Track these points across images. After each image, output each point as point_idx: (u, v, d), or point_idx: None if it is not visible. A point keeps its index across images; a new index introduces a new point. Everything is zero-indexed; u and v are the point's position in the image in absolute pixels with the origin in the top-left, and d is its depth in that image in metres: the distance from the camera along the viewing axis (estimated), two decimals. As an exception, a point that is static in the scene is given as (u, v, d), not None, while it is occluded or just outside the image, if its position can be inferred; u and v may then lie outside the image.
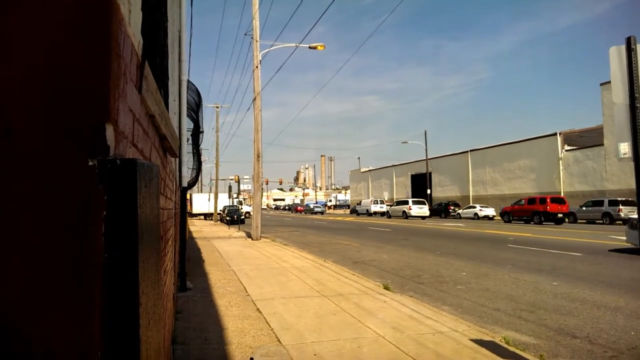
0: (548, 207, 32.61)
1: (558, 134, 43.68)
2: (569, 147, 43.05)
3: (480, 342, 5.19)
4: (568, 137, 44.01)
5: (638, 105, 4.33)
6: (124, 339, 1.09)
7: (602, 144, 38.73)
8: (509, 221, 36.11)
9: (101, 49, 1.08)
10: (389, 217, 49.32)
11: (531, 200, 34.56)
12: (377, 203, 57.77)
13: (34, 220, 1.05)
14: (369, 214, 57.25)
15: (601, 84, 37.63)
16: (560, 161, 43.12)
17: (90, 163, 1.06)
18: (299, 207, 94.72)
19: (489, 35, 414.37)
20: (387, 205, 55.13)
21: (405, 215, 46.02)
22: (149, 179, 1.30)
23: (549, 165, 44.19)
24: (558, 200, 33.44)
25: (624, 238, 15.26)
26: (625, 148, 4.46)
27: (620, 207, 30.98)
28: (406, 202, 47.86)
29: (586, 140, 42.21)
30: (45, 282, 1.05)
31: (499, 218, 39.05)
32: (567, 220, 33.23)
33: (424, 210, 45.84)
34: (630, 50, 4.41)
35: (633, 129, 4.35)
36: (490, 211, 42.91)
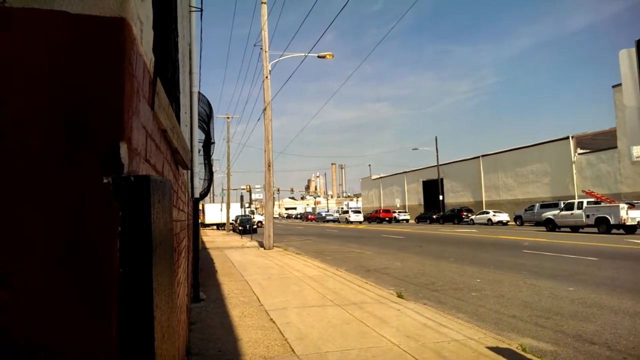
0: (381, 215, 59.62)
1: (570, 138, 43.24)
2: (581, 151, 42.60)
3: (497, 350, 5.13)
4: (581, 141, 43.57)
5: (650, 107, 4.28)
6: (139, 352, 1.10)
7: (615, 147, 38.28)
8: (369, 222, 59.75)
9: (115, 69, 1.11)
10: (339, 222, 65.66)
11: (375, 211, 62.62)
12: (328, 212, 78.48)
13: (50, 236, 1.07)
14: (324, 220, 75.38)
15: (613, 86, 37.24)
16: (574, 165, 42.67)
17: (105, 180, 1.08)
18: (309, 216, 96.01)
19: (498, 39, 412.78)
20: (337, 213, 74.86)
21: (347, 221, 61.73)
22: (162, 194, 1.33)
23: (562, 169, 43.73)
24: (386, 211, 61.44)
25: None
26: (638, 151, 4.42)
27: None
28: (347, 212, 66.87)
29: (599, 143, 41.74)
30: (61, 296, 1.07)
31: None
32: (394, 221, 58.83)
33: (360, 217, 62.44)
34: (640, 53, 4.37)
35: (646, 132, 4.29)
36: (504, 216, 42.52)
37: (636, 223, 25.53)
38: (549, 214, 32.49)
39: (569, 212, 29.47)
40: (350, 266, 13.57)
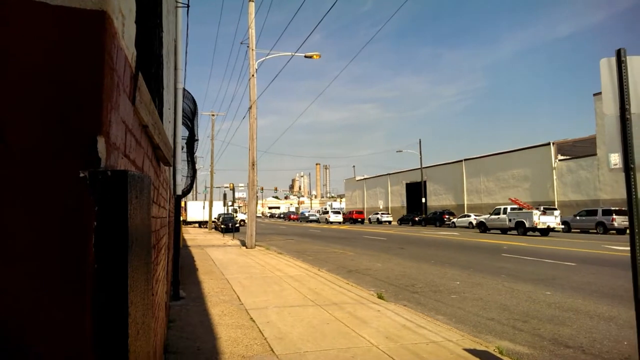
0: (354, 216, 64.78)
1: (551, 144, 43.95)
2: (562, 157, 43.32)
3: (474, 352, 5.19)
4: (561, 147, 44.30)
5: (628, 116, 4.38)
6: (112, 349, 1.09)
7: (595, 154, 39.01)
8: (343, 223, 61.94)
9: (94, 63, 1.10)
10: (319, 222, 68.56)
11: (349, 212, 67.32)
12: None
13: (24, 230, 1.06)
14: (307, 220, 77.68)
15: (594, 94, 37.96)
16: (554, 171, 43.36)
17: (82, 174, 1.07)
18: (291, 216, 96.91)
19: (487, 44, 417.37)
20: (318, 213, 78.01)
21: (327, 221, 63.95)
22: (140, 190, 1.32)
23: (542, 175, 44.42)
24: (359, 212, 66.78)
25: (618, 247, 15.32)
26: (616, 159, 4.51)
27: (614, 216, 31.16)
28: (327, 212, 69.63)
29: (579, 150, 42.50)
30: (34, 292, 1.05)
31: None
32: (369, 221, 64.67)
33: (339, 217, 64.52)
34: (620, 62, 4.46)
35: (623, 140, 4.39)
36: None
37: (546, 227, 30.12)
38: (482, 218, 36.93)
39: (496, 216, 33.72)
40: (332, 266, 13.59)
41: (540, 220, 30.06)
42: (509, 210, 32.77)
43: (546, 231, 30.44)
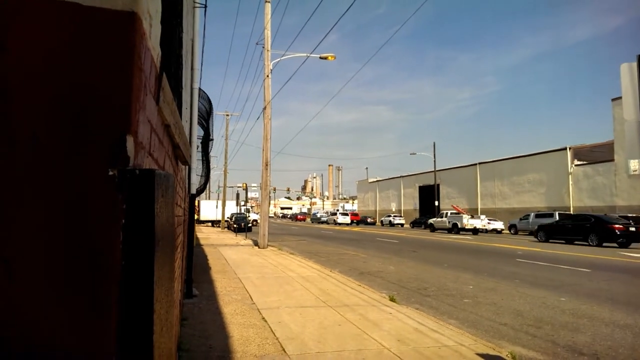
0: (351, 217, 65.89)
1: (568, 149, 43.40)
2: (578, 162, 42.75)
3: (486, 357, 5.15)
4: (578, 152, 43.72)
5: (649, 122, 4.31)
6: (137, 344, 1.11)
7: (612, 160, 38.42)
8: (358, 224, 64.96)
9: (124, 63, 1.12)
10: (328, 223, 69.36)
11: (353, 214, 69.24)
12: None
13: (53, 226, 1.08)
14: (319, 221, 78.34)
15: (612, 99, 37.38)
16: (570, 176, 42.81)
17: (111, 173, 1.09)
18: (298, 216, 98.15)
19: (500, 48, 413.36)
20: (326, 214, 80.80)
21: (335, 222, 64.84)
22: (166, 189, 1.34)
23: (558, 180, 43.87)
24: (355, 214, 70.27)
25: (634, 255, 15.08)
26: (635, 165, 4.46)
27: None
28: (335, 214, 70.41)
29: (597, 155, 41.88)
30: (62, 287, 1.08)
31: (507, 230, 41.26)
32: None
33: (347, 219, 65.14)
34: (641, 67, 4.40)
35: (644, 146, 4.32)
36: (498, 224, 42.62)
37: (473, 227, 38.51)
38: (432, 220, 44.79)
39: (440, 219, 42.62)
40: (344, 268, 13.57)
41: (469, 222, 38.44)
42: (449, 214, 42.04)
43: (475, 231, 38.69)
